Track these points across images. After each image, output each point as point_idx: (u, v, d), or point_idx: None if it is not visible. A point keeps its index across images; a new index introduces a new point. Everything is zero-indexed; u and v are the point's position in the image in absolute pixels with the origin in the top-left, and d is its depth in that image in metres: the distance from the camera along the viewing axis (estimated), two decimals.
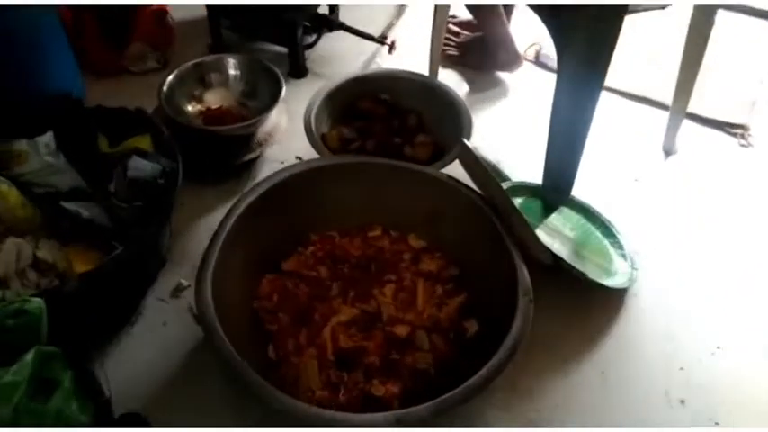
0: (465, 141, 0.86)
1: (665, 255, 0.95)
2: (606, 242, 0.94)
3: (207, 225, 0.92)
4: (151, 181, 0.78)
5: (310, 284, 0.82)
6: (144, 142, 0.83)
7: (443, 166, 0.93)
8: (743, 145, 1.13)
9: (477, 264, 0.82)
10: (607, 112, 0.88)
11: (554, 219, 0.95)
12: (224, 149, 0.99)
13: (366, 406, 0.71)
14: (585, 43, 0.78)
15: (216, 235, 0.75)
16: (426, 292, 0.81)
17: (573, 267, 0.81)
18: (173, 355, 0.79)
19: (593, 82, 0.81)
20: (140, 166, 0.79)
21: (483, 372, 0.64)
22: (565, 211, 0.97)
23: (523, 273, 0.73)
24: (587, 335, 0.84)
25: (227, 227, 0.75)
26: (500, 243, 0.77)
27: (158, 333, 0.82)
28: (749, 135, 1.14)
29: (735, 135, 1.14)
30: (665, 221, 1.00)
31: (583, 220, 0.97)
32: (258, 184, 0.81)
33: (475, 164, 0.81)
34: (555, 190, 0.98)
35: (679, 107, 1.07)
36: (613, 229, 0.95)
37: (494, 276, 0.78)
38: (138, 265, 0.77)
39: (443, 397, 0.62)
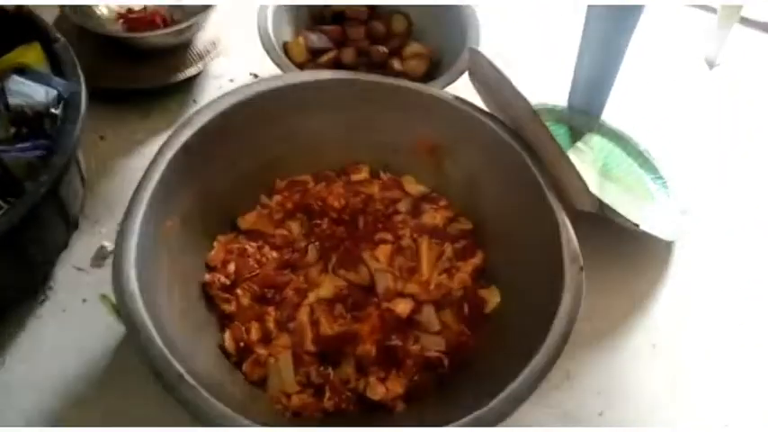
0: (477, 49, 0.64)
1: (715, 191, 0.77)
2: (647, 178, 0.76)
3: (137, 167, 0.70)
4: (42, 111, 0.55)
5: (278, 247, 0.61)
6: (30, 55, 0.58)
7: (448, 83, 0.71)
8: None
9: (496, 215, 0.63)
10: (645, 16, 0.67)
11: (583, 149, 0.76)
12: (151, 63, 0.75)
13: (361, 413, 0.54)
14: None
15: (141, 186, 0.53)
16: (432, 253, 0.61)
17: (624, 217, 0.62)
18: (95, 343, 0.60)
19: None
20: (25, 91, 0.55)
21: (531, 368, 0.47)
22: (595, 139, 0.78)
23: (569, 232, 0.54)
24: (632, 299, 0.67)
25: (157, 173, 0.53)
26: (532, 189, 0.57)
27: (75, 313, 0.62)
28: None
29: None
30: (710, 146, 0.82)
31: (617, 150, 0.78)
32: (198, 112, 0.58)
33: (494, 78, 0.60)
34: (584, 113, 0.79)
35: (730, 11, 0.87)
36: (654, 162, 0.77)
37: (522, 232, 0.59)
38: (35, 228, 0.55)
39: (483, 411, 0.45)
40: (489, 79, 0.61)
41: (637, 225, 0.63)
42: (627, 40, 0.70)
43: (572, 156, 0.72)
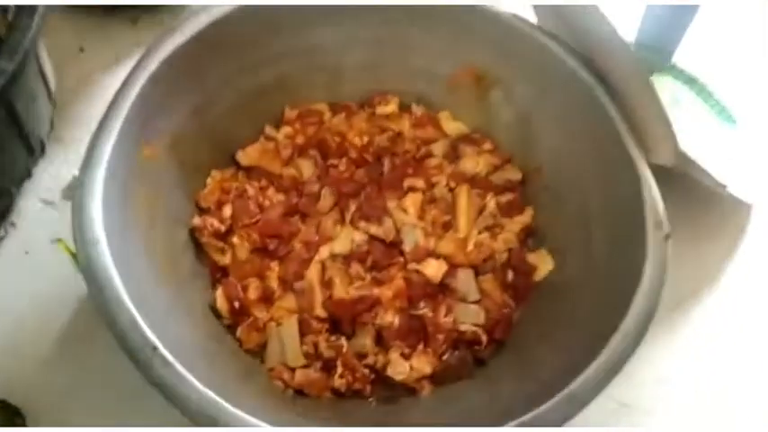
0: None
1: None
2: (724, 131, 0.63)
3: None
4: None
5: (285, 190, 0.50)
6: None
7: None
8: None
9: (554, 164, 0.51)
10: None
11: None
12: None
13: (379, 396, 0.44)
14: None
15: (114, 102, 0.41)
16: (472, 206, 0.50)
17: (710, 175, 0.51)
18: (62, 293, 0.50)
19: None
20: None
21: (601, 360, 0.36)
22: (665, 81, 0.66)
23: (652, 189, 0.42)
24: (704, 271, 0.56)
25: (135, 88, 0.42)
26: (605, 132, 0.45)
27: (40, 255, 0.52)
28: None
29: None
30: None
31: (690, 95, 0.65)
32: (189, 17, 0.46)
33: None
34: (655, 49, 0.66)
35: None
36: (731, 113, 0.65)
37: (587, 187, 0.48)
38: None
39: (540, 411, 0.35)
40: None
41: (723, 186, 0.52)
42: None
43: None
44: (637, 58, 0.44)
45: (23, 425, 0.43)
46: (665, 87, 0.65)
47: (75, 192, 0.38)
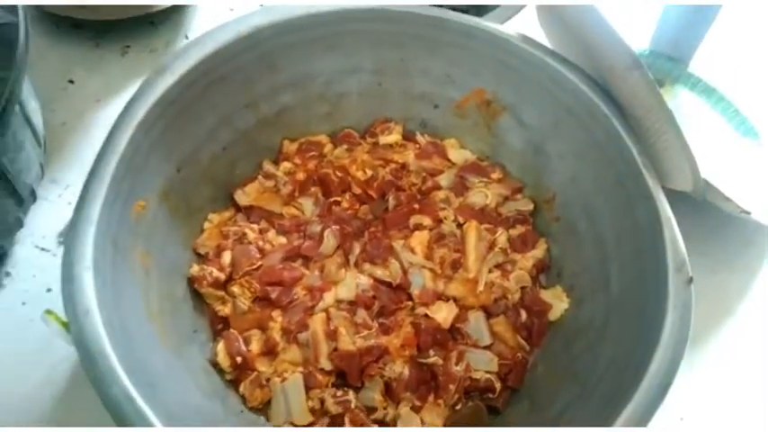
0: None
1: None
2: (745, 144, 0.60)
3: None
4: None
5: (287, 231, 0.48)
6: None
7: (506, 18, 0.55)
8: None
9: (568, 194, 0.48)
10: None
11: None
12: None
13: None
14: None
15: (101, 157, 0.39)
16: (481, 242, 0.48)
17: (733, 203, 0.48)
18: (62, 347, 0.48)
19: None
20: None
21: (624, 418, 0.34)
22: (681, 92, 0.62)
23: (673, 228, 0.40)
24: (722, 301, 0.54)
25: (124, 138, 0.39)
26: (622, 162, 0.43)
27: (38, 306, 0.50)
28: None
29: None
30: None
31: (707, 107, 0.62)
32: (180, 53, 0.44)
33: (575, 12, 0.44)
34: (670, 59, 0.63)
35: None
36: (752, 124, 0.61)
37: (603, 220, 0.45)
38: None
39: None
40: (568, 13, 0.45)
41: (747, 212, 0.49)
42: None
43: None
44: (657, 91, 0.41)
45: None
46: (680, 98, 0.62)
47: (63, 259, 0.36)
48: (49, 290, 0.50)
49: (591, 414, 0.37)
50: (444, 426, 0.42)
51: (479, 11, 0.58)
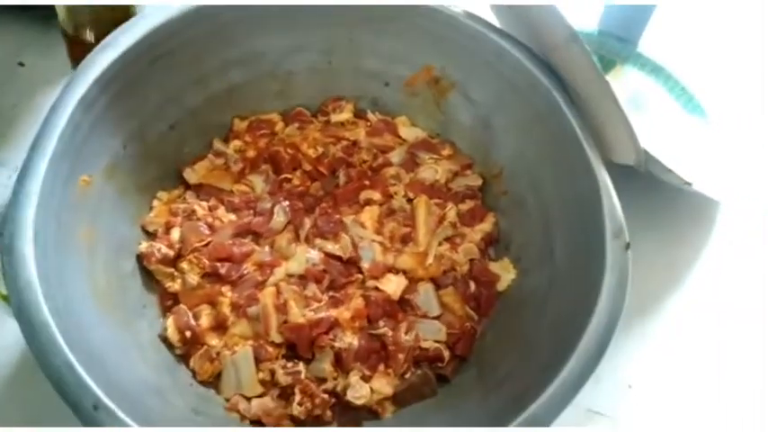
0: None
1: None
2: (692, 121, 0.62)
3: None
4: None
5: (236, 208, 0.48)
6: None
7: None
8: None
9: (514, 169, 0.49)
10: None
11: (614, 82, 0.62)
12: None
13: (341, 421, 0.43)
14: None
15: (42, 132, 0.39)
16: (431, 217, 0.49)
17: (674, 173, 0.49)
18: (11, 335, 0.47)
19: None
20: None
21: (564, 376, 0.35)
22: (630, 72, 0.64)
23: (611, 197, 0.41)
24: (671, 271, 0.55)
25: (65, 113, 0.39)
26: (564, 136, 0.44)
27: None
28: None
29: None
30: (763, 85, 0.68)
31: (656, 86, 0.64)
32: (124, 29, 0.43)
33: None
34: (618, 39, 0.64)
35: None
36: (699, 102, 0.63)
37: (547, 192, 0.46)
38: None
39: (521, 420, 0.34)
40: None
41: (689, 184, 0.50)
42: None
43: None
44: (595, 63, 0.42)
45: None
46: (630, 77, 0.64)
47: (4, 232, 0.36)
48: None
49: (532, 377, 0.38)
50: (394, 394, 0.43)
51: None
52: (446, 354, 0.44)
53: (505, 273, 0.48)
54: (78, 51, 0.50)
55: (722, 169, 0.57)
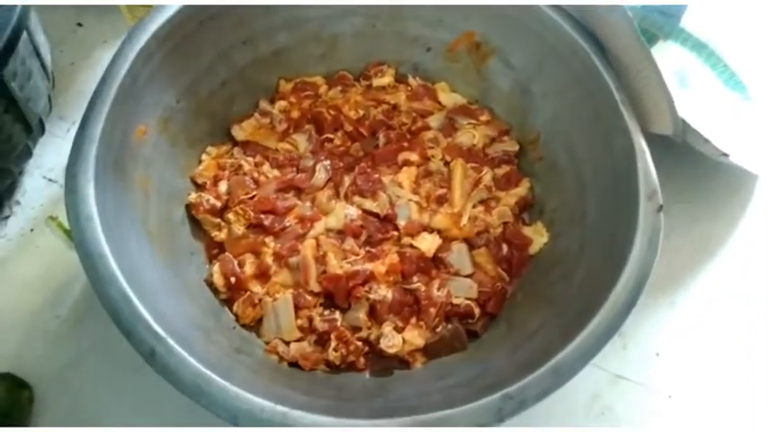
0: None
1: None
2: (733, 98, 0.62)
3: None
4: None
5: (281, 165, 0.50)
6: None
7: None
8: None
9: (551, 134, 0.50)
10: None
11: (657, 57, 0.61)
12: None
13: (372, 369, 0.45)
14: None
15: (103, 81, 0.41)
16: (467, 180, 0.50)
17: (711, 144, 0.49)
18: (71, 268, 0.51)
19: None
20: None
21: (586, 334, 0.36)
22: (672, 46, 0.63)
23: (646, 161, 0.42)
24: (705, 242, 0.55)
25: (125, 65, 0.42)
26: (603, 102, 0.44)
27: (46, 234, 0.53)
28: None
29: None
30: None
31: (698, 62, 0.63)
32: None
33: None
34: (661, 13, 0.64)
35: None
36: (741, 79, 0.62)
37: (583, 158, 0.47)
38: None
39: (523, 384, 0.35)
40: None
41: (726, 155, 0.50)
42: None
43: None
44: (636, 29, 0.42)
45: (30, 397, 0.44)
46: (672, 53, 0.63)
47: (67, 170, 0.39)
48: (53, 218, 0.53)
49: (562, 329, 0.39)
50: (425, 346, 0.45)
51: None
52: (477, 311, 0.46)
53: (538, 236, 0.49)
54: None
55: (761, 144, 0.57)
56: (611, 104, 0.44)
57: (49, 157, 0.56)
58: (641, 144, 0.42)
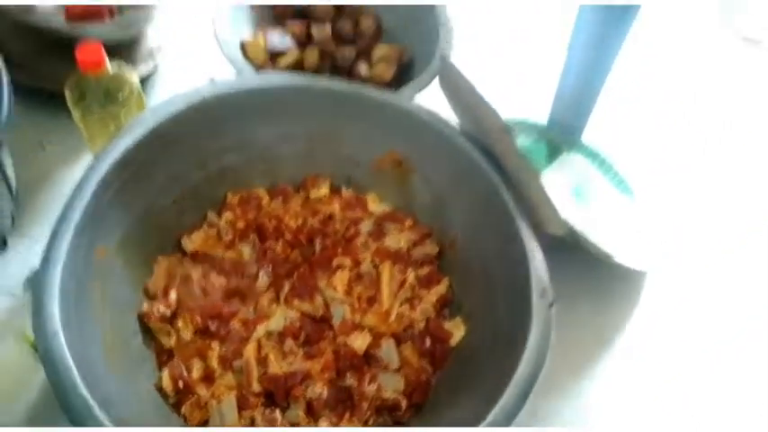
0: (447, 58, 0.59)
1: (693, 221, 0.72)
2: (624, 202, 0.71)
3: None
4: None
5: (226, 273, 0.56)
6: None
7: (419, 89, 0.66)
8: None
9: (464, 240, 0.58)
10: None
11: (561, 167, 0.71)
12: None
13: None
14: None
15: (68, 207, 0.47)
16: (394, 281, 0.57)
17: (596, 246, 0.58)
18: (27, 388, 0.53)
19: None
20: None
21: (494, 414, 0.42)
22: (574, 157, 0.73)
23: (537, 263, 0.49)
24: (602, 332, 0.63)
25: (88, 191, 0.48)
26: (502, 212, 0.52)
27: (8, 347, 0.56)
28: None
29: None
30: (692, 174, 0.78)
31: (595, 171, 0.73)
32: (137, 120, 0.52)
33: (465, 90, 0.55)
34: (565, 129, 0.74)
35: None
36: (631, 186, 0.72)
37: (489, 260, 0.54)
38: None
39: None
40: (460, 90, 0.56)
41: (609, 256, 0.59)
42: (618, 44, 0.64)
43: (550, 174, 0.68)
44: (524, 154, 0.51)
45: None
46: (574, 162, 0.73)
47: (34, 289, 0.43)
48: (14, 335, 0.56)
49: (475, 414, 0.44)
50: None
51: (398, 82, 0.70)
52: (403, 403, 0.51)
53: (457, 330, 0.55)
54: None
55: (645, 243, 0.66)
56: (508, 216, 0.52)
57: (12, 275, 0.59)
58: (533, 247, 0.50)
